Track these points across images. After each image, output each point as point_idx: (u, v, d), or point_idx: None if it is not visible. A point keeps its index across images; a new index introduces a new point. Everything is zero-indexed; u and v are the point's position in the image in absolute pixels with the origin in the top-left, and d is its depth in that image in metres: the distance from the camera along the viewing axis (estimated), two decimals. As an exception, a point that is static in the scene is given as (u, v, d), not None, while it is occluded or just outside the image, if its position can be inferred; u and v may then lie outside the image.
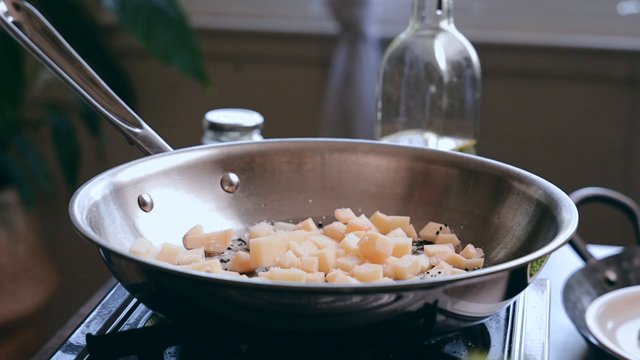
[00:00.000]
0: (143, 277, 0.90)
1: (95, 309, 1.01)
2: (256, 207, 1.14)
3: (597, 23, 2.50)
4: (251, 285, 0.85)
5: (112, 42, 2.63)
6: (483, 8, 2.54)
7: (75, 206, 0.97)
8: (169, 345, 0.93)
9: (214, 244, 1.06)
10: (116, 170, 1.07)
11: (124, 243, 1.03)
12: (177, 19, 2.37)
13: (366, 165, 1.16)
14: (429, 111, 1.35)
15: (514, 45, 2.52)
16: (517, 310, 1.02)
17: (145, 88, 2.66)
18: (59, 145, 2.50)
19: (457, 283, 0.87)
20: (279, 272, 0.96)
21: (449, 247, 1.06)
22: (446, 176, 1.13)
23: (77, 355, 0.93)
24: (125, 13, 2.36)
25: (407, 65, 1.35)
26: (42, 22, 1.15)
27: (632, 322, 1.29)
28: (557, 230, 0.97)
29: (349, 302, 0.85)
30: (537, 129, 2.53)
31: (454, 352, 0.95)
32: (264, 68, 2.64)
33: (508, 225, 1.06)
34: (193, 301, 0.88)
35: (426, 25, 1.34)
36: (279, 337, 0.89)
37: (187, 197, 1.11)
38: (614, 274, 1.38)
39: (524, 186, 1.07)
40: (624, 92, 2.48)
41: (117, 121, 1.12)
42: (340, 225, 1.09)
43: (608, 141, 2.51)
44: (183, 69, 2.37)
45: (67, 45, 1.14)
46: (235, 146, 1.15)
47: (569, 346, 1.27)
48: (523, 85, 2.53)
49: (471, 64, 1.35)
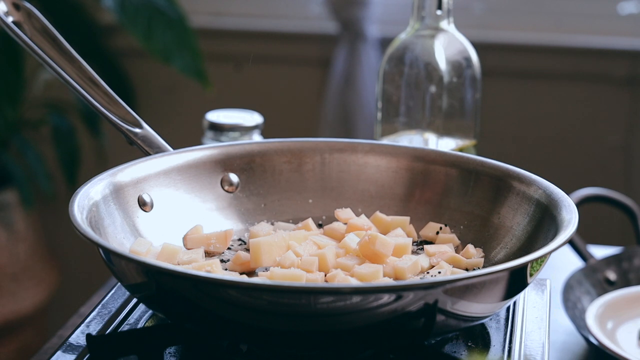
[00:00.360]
0: (143, 277, 0.90)
1: (95, 309, 1.01)
2: (256, 207, 1.14)
3: (597, 23, 2.50)
4: (251, 285, 0.85)
5: (112, 42, 2.63)
6: (483, 8, 2.54)
7: (75, 206, 0.97)
8: (169, 345, 0.93)
9: (214, 244, 1.06)
10: (116, 170, 1.07)
11: (124, 243, 1.03)
12: (177, 19, 2.37)
13: (366, 165, 1.16)
14: (429, 111, 1.35)
15: (514, 45, 2.52)
16: (517, 310, 1.02)
17: (145, 88, 2.66)
18: (59, 145, 2.50)
19: (457, 283, 0.87)
20: (279, 272, 0.96)
21: (449, 247, 1.06)
22: (446, 176, 1.13)
23: (77, 355, 0.93)
24: (125, 13, 2.35)
25: (407, 65, 1.35)
26: (42, 22, 1.15)
27: (632, 322, 1.29)
28: (557, 230, 0.97)
29: (349, 302, 0.85)
30: (537, 129, 2.53)
31: (454, 352, 0.95)
32: (264, 68, 2.64)
33: (508, 225, 1.06)
34: (193, 301, 0.88)
35: (426, 25, 1.34)
36: (279, 337, 0.89)
37: (187, 197, 1.11)
38: (614, 274, 1.38)
39: (524, 186, 1.07)
40: (624, 92, 2.48)
41: (117, 121, 1.12)
42: (340, 225, 1.09)
43: (608, 141, 2.51)
44: (183, 69, 2.37)
45: (67, 45, 1.14)
46: (235, 146, 1.15)
47: (569, 346, 1.27)
48: (523, 85, 2.53)
49: (471, 64, 1.35)
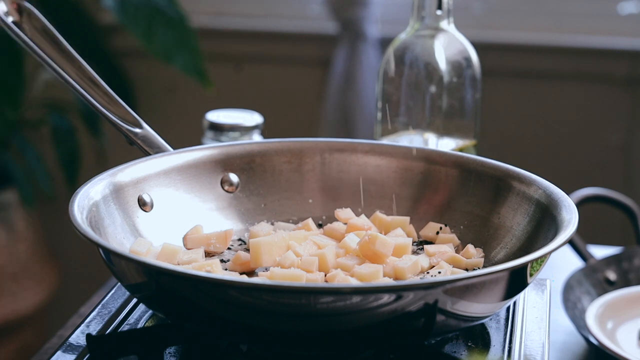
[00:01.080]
0: (143, 277, 0.90)
1: (95, 309, 1.01)
2: (256, 207, 1.14)
3: (597, 23, 2.50)
4: (251, 285, 0.85)
5: (112, 42, 2.62)
6: (483, 8, 2.54)
7: (75, 206, 0.97)
8: (169, 345, 0.93)
9: (214, 244, 1.06)
10: (116, 170, 1.06)
11: (124, 243, 1.03)
12: (177, 18, 2.37)
13: (366, 165, 1.16)
14: (429, 111, 1.35)
15: (514, 45, 2.52)
16: (517, 310, 1.02)
17: (145, 88, 2.66)
18: (59, 145, 2.50)
19: (457, 283, 0.87)
20: (279, 272, 0.96)
21: (449, 247, 1.06)
22: (446, 176, 1.13)
23: (77, 355, 0.93)
24: (125, 13, 2.35)
25: (407, 65, 1.34)
26: (42, 22, 1.15)
27: (632, 322, 1.29)
28: (557, 230, 0.97)
29: (349, 302, 0.85)
30: (537, 129, 2.53)
31: (454, 352, 0.95)
32: (264, 68, 2.64)
33: (508, 225, 1.06)
34: (193, 301, 0.88)
35: (426, 25, 1.34)
36: (279, 337, 0.89)
37: (187, 197, 1.11)
38: (614, 274, 1.37)
39: (524, 186, 1.07)
40: (624, 92, 2.48)
41: (117, 121, 1.12)
42: (340, 225, 1.09)
43: (608, 141, 2.51)
44: (183, 69, 2.37)
45: (67, 45, 1.14)
46: (235, 146, 1.15)
47: (569, 346, 1.27)
48: (523, 85, 2.53)
49: (471, 64, 1.35)
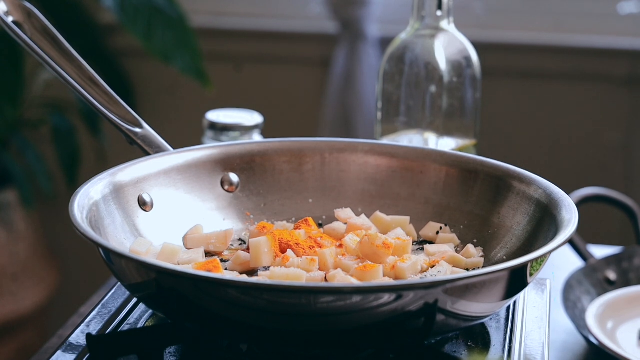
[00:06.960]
0: (143, 276, 0.90)
1: (95, 309, 1.01)
2: (256, 207, 1.14)
3: (597, 23, 2.50)
4: (251, 285, 0.85)
5: (112, 42, 2.63)
6: (483, 8, 2.54)
7: (76, 206, 0.97)
8: (169, 345, 0.93)
9: (214, 244, 1.06)
10: (116, 170, 1.07)
11: (124, 243, 1.03)
12: (177, 18, 2.37)
13: (366, 165, 1.16)
14: (429, 111, 1.35)
15: (514, 45, 2.52)
16: (517, 310, 1.02)
17: (145, 88, 2.66)
18: (59, 145, 2.50)
19: (457, 283, 0.87)
20: (279, 272, 0.96)
21: (449, 246, 1.06)
22: (446, 176, 1.13)
23: (77, 355, 0.93)
24: (125, 13, 2.35)
25: (407, 65, 1.35)
26: (42, 22, 1.15)
27: (632, 322, 1.29)
28: (557, 230, 0.97)
29: (349, 302, 0.85)
30: (537, 129, 2.53)
31: (454, 352, 0.95)
32: (264, 68, 2.64)
33: (508, 225, 1.06)
34: (193, 301, 0.88)
35: (426, 25, 1.34)
36: (279, 337, 0.89)
37: (187, 197, 1.11)
38: (614, 273, 1.37)
39: (524, 186, 1.07)
40: (624, 92, 2.48)
41: (117, 121, 1.12)
42: (340, 225, 1.09)
43: (608, 141, 2.51)
44: (183, 69, 2.37)
45: (67, 45, 1.14)
46: (235, 146, 1.15)
47: (569, 346, 1.27)
48: (523, 85, 2.53)
49: (471, 63, 1.35)
